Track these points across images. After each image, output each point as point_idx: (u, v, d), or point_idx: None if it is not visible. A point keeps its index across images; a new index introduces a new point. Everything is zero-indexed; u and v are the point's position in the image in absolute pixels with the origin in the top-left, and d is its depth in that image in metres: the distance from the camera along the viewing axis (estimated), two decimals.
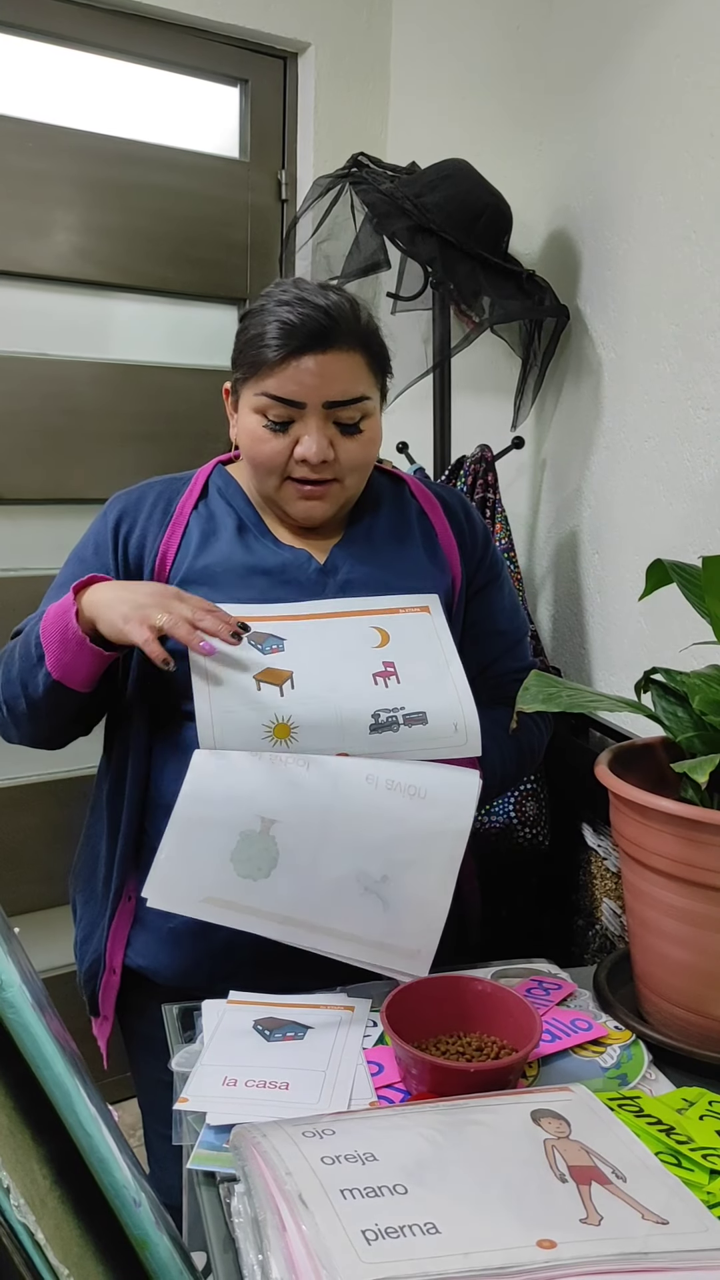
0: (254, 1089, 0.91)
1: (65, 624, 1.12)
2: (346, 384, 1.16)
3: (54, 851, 2.19)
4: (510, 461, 1.99)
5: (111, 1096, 2.14)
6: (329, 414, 1.17)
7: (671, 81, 1.58)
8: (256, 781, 1.07)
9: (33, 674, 1.15)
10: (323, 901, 1.05)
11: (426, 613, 1.20)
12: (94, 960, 1.26)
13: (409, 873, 1.06)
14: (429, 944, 1.05)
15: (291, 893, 1.04)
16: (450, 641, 1.18)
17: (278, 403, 1.16)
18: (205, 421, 2.22)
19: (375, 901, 1.05)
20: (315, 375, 1.15)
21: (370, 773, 1.08)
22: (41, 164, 2.08)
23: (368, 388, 1.19)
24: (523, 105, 1.96)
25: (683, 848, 0.95)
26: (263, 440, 1.19)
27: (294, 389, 1.15)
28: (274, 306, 1.17)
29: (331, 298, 1.17)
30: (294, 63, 2.36)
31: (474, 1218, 0.69)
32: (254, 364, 1.17)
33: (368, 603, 1.20)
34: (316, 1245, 0.65)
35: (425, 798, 1.08)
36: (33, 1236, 0.57)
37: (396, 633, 1.17)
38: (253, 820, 1.05)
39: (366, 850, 1.05)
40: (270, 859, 1.05)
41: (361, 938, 1.04)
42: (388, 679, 1.14)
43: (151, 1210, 0.66)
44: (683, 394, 1.58)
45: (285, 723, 1.10)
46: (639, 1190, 0.74)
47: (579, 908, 1.71)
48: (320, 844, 1.05)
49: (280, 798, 1.06)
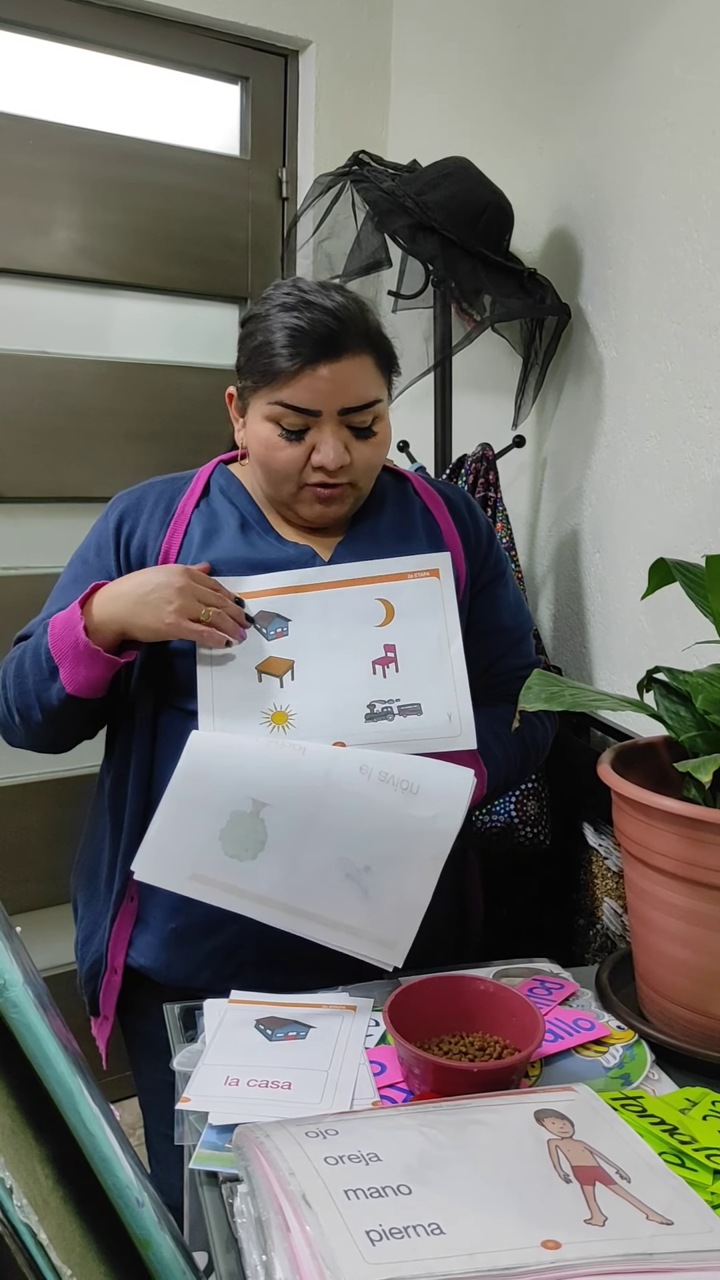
0: (256, 1088, 0.91)
1: (75, 638, 1.11)
2: (360, 389, 1.16)
3: (55, 850, 2.19)
4: (511, 460, 1.98)
5: (111, 1095, 2.13)
6: (344, 420, 1.16)
7: (674, 79, 1.57)
8: (251, 764, 1.09)
9: (46, 687, 1.15)
10: (305, 886, 1.06)
11: (435, 577, 1.19)
12: (95, 960, 1.26)
13: (392, 866, 1.06)
14: (405, 936, 1.05)
15: (276, 875, 1.05)
16: (455, 614, 1.18)
17: (292, 411, 1.15)
18: (206, 420, 2.22)
19: (355, 889, 1.05)
20: (330, 383, 1.14)
21: (365, 763, 1.09)
22: (42, 162, 2.08)
23: (379, 389, 1.19)
24: (524, 103, 1.96)
25: (685, 847, 0.95)
26: (278, 448, 1.17)
27: (308, 398, 1.14)
28: (278, 312, 1.15)
29: (337, 299, 1.16)
30: (295, 60, 2.36)
31: (478, 1218, 0.69)
32: (265, 373, 1.16)
33: (375, 566, 1.19)
34: (321, 1246, 0.65)
35: (417, 793, 1.08)
36: (35, 1237, 0.57)
37: (402, 606, 1.18)
38: (244, 801, 1.07)
39: (352, 839, 1.06)
40: (258, 840, 1.06)
41: (339, 923, 1.05)
42: (386, 666, 1.15)
43: (154, 1210, 0.65)
44: (684, 392, 1.58)
45: (283, 710, 1.12)
46: (643, 1191, 0.74)
47: (580, 907, 1.71)
48: (308, 830, 1.06)
49: (273, 781, 1.08)
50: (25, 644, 1.21)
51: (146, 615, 1.09)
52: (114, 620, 1.11)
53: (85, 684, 1.13)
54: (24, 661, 1.18)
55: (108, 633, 1.12)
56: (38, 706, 1.17)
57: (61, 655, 1.13)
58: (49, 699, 1.15)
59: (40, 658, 1.15)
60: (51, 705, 1.16)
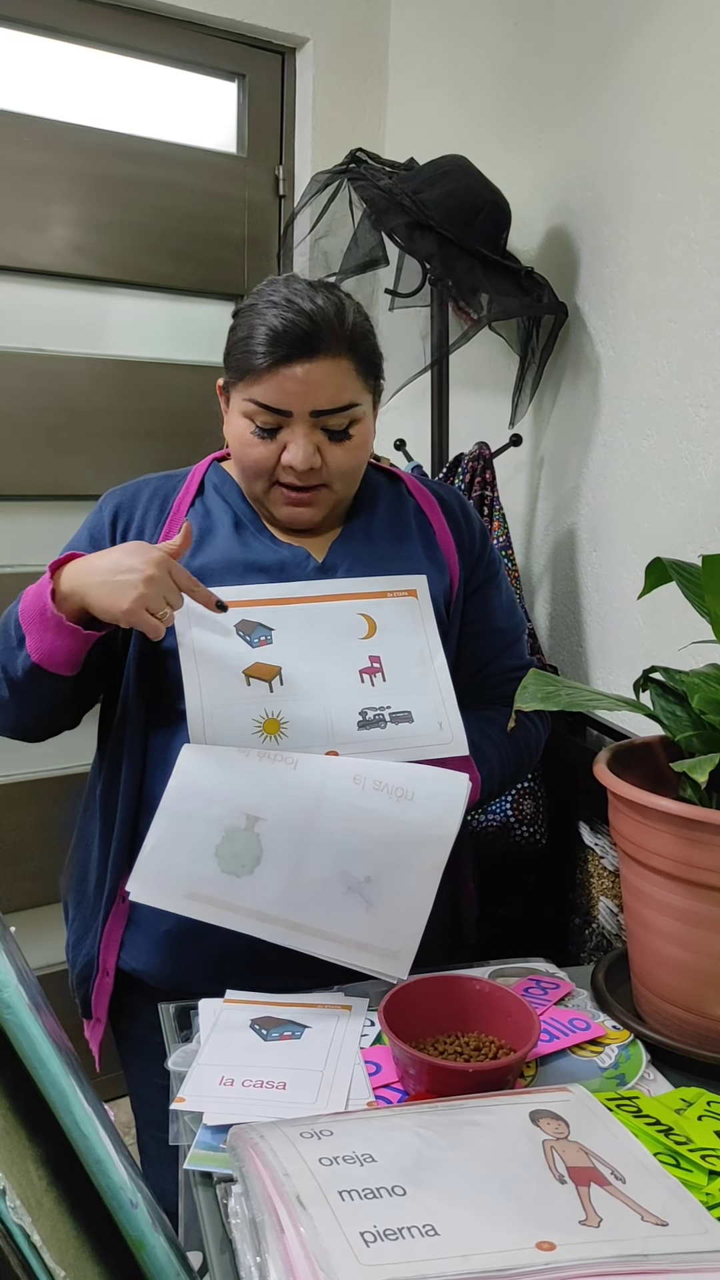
0: (251, 1089, 0.91)
1: (42, 605, 1.09)
2: (333, 392, 1.15)
3: (49, 849, 2.19)
4: (508, 459, 1.98)
5: (103, 1095, 2.13)
6: (316, 421, 1.16)
7: (671, 79, 1.57)
8: (243, 778, 1.07)
9: (13, 657, 1.13)
10: (305, 900, 1.04)
11: (413, 597, 1.19)
12: (87, 963, 1.25)
13: (392, 875, 1.06)
14: (409, 946, 1.05)
15: (274, 890, 1.04)
16: (435, 630, 1.18)
17: (264, 410, 1.15)
18: (202, 417, 2.22)
19: (358, 902, 1.05)
20: (301, 384, 1.13)
21: (358, 773, 1.08)
22: (39, 158, 2.08)
23: (356, 393, 1.17)
24: (521, 101, 1.95)
25: (682, 847, 0.95)
26: (250, 445, 1.18)
27: (279, 397, 1.14)
28: (263, 308, 1.15)
29: (318, 301, 1.14)
30: (292, 58, 2.35)
31: (473, 1219, 0.69)
32: (241, 369, 1.16)
33: (355, 584, 1.19)
34: (315, 1247, 0.65)
35: (413, 800, 1.07)
36: (29, 1238, 0.57)
37: (383, 621, 1.17)
38: (238, 817, 1.06)
39: (351, 851, 1.05)
40: (254, 856, 1.05)
41: (343, 938, 1.04)
42: (374, 675, 1.15)
43: (148, 1211, 0.65)
44: (681, 391, 1.58)
45: (275, 718, 1.11)
46: (638, 1191, 0.74)
47: (576, 906, 1.71)
48: (304, 843, 1.05)
49: (266, 795, 1.07)
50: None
51: (109, 596, 1.05)
52: (78, 591, 1.08)
53: (50, 653, 1.10)
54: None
55: (74, 603, 1.09)
56: (4, 680, 1.14)
57: (30, 622, 1.10)
58: (15, 669, 1.13)
59: (9, 625, 1.13)
60: (18, 676, 1.13)
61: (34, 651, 1.10)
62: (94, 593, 1.06)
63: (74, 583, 1.09)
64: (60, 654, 1.11)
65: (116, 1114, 2.14)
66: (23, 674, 1.12)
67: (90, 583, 1.07)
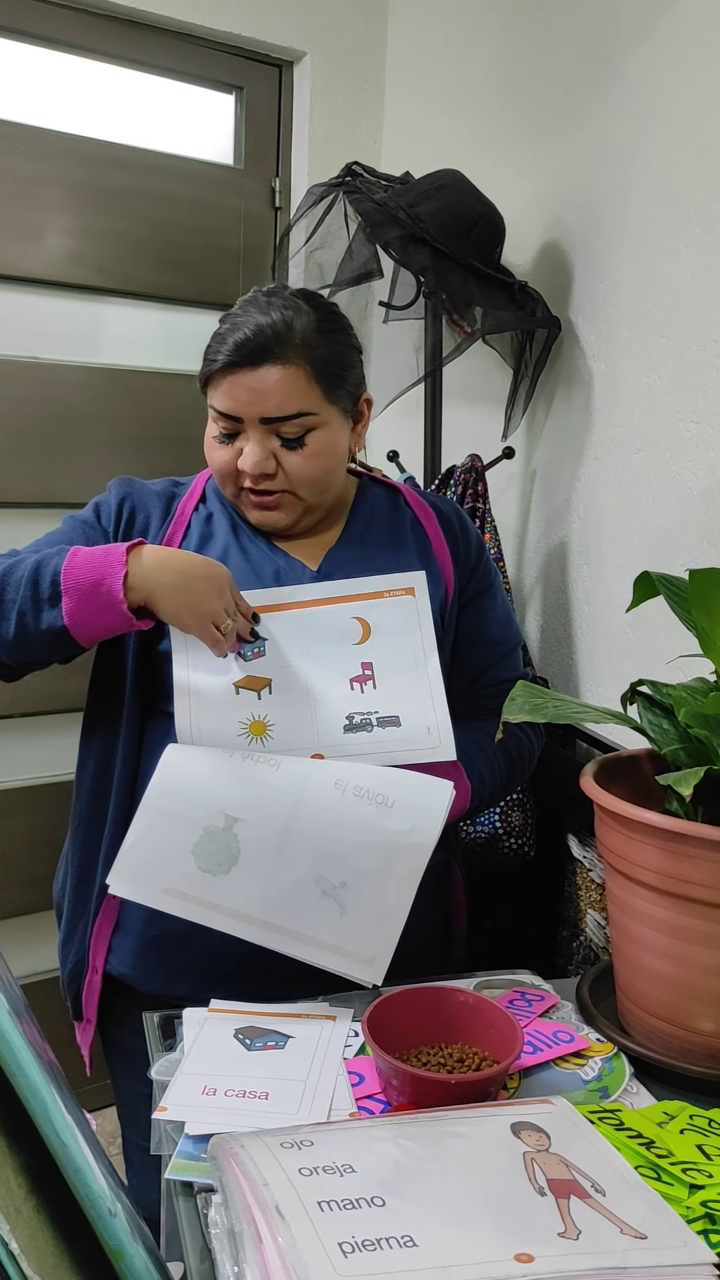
0: (234, 1098, 0.91)
1: (101, 580, 1.07)
2: (280, 400, 1.16)
3: (37, 856, 2.18)
4: (500, 471, 1.99)
5: (94, 1103, 2.12)
6: (269, 428, 1.17)
7: (665, 96, 1.58)
8: (225, 779, 1.09)
9: (38, 609, 1.09)
10: (280, 901, 1.05)
11: (411, 595, 1.20)
12: (77, 961, 1.25)
13: (369, 881, 1.06)
14: (385, 952, 1.05)
15: (250, 891, 1.05)
16: (431, 631, 1.19)
17: (221, 416, 1.19)
18: (196, 426, 2.19)
19: (332, 905, 1.05)
20: (248, 391, 1.16)
21: (340, 778, 1.08)
22: (35, 168, 2.09)
23: (310, 403, 1.17)
24: (517, 117, 1.97)
25: (667, 860, 0.95)
26: (214, 449, 1.22)
27: (230, 404, 1.17)
28: (228, 317, 1.20)
29: (273, 314, 1.16)
30: (289, 71, 2.37)
31: (452, 1230, 0.69)
32: (202, 376, 1.22)
33: (351, 585, 1.20)
34: (293, 1257, 0.65)
35: (393, 807, 1.07)
36: (7, 1245, 0.56)
37: (378, 624, 1.18)
38: (217, 816, 1.07)
39: (328, 856, 1.06)
40: (231, 856, 1.06)
41: (317, 940, 1.05)
42: (364, 684, 1.16)
43: (127, 1220, 0.65)
44: (672, 406, 1.59)
45: (261, 720, 1.13)
46: (618, 1204, 0.74)
47: (564, 919, 1.71)
48: (281, 845, 1.06)
49: (246, 797, 1.08)
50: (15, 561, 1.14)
51: (184, 599, 1.08)
52: (146, 587, 1.08)
53: (86, 626, 1.08)
54: (19, 576, 1.11)
55: (139, 596, 1.08)
56: (16, 624, 1.10)
57: (76, 588, 1.07)
58: (36, 622, 1.09)
59: (41, 577, 1.09)
60: (35, 628, 1.10)
61: (69, 616, 1.08)
62: (167, 594, 1.08)
63: (149, 579, 1.08)
64: (97, 629, 1.10)
65: (102, 1123, 2.14)
66: (44, 629, 1.10)
67: (167, 583, 1.09)
